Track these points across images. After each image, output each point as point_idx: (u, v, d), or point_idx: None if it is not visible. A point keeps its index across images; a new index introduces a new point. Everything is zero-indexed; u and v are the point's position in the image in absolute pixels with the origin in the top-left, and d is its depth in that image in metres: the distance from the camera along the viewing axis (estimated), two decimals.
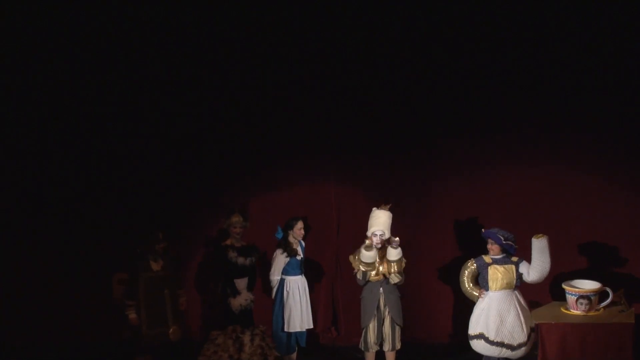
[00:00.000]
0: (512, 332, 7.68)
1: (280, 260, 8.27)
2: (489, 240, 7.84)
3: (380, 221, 7.86)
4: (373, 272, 7.83)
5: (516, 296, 7.87)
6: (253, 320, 8.23)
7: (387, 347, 8.03)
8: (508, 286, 7.82)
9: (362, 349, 8.10)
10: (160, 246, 8.05)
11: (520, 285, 7.87)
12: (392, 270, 7.86)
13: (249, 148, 8.83)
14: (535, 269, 7.70)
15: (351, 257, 8.02)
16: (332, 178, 8.89)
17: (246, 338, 7.99)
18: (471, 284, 7.94)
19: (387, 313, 7.93)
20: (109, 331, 8.60)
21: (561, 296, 7.98)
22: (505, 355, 7.75)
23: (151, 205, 8.84)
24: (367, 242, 7.74)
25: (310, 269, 8.65)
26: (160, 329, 7.98)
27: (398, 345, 8.08)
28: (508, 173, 8.70)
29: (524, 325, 7.74)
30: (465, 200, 8.76)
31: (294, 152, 8.86)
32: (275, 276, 8.30)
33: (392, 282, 7.89)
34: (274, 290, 8.34)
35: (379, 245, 7.84)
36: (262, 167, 8.87)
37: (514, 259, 7.86)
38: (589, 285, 7.96)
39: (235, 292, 8.10)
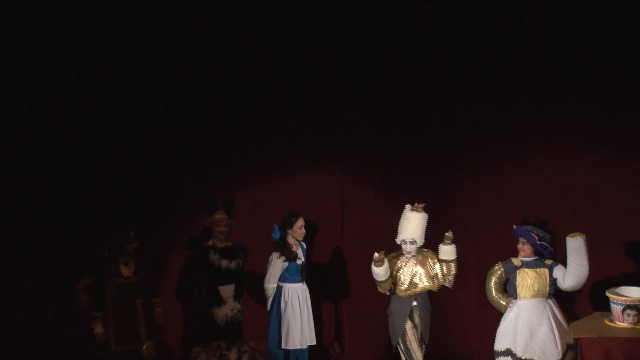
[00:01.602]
0: (544, 348, 7.22)
1: (277, 265, 7.70)
2: (520, 240, 7.39)
3: (411, 226, 7.31)
4: (403, 287, 7.36)
5: (550, 306, 7.40)
6: (241, 335, 7.81)
7: None
8: (540, 294, 7.36)
9: None
10: (132, 247, 7.63)
11: (554, 294, 7.42)
12: (444, 272, 7.37)
13: (237, 131, 8.43)
14: (571, 273, 7.23)
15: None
16: (336, 167, 8.44)
17: (232, 356, 7.62)
18: (499, 292, 7.51)
19: (418, 330, 7.47)
20: (72, 348, 8.33)
21: (605, 306, 7.56)
22: None
23: (121, 198, 8.41)
24: (377, 255, 7.18)
25: (310, 274, 8.12)
26: (131, 345, 7.61)
27: None
28: (538, 162, 8.25)
29: (557, 340, 7.25)
30: (488, 195, 8.32)
31: (290, 135, 8.44)
32: (271, 284, 7.72)
33: (449, 285, 7.45)
34: (269, 300, 7.78)
35: (411, 254, 7.34)
36: (252, 154, 8.45)
37: (548, 262, 7.40)
38: (637, 292, 7.50)
39: (220, 301, 7.68)
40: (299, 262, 7.82)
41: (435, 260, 7.42)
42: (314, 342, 7.86)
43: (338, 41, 8.26)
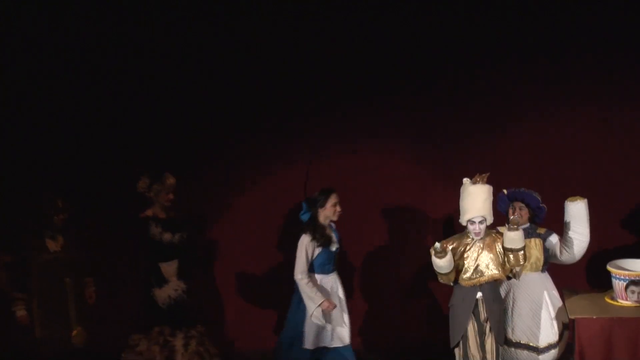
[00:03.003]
0: (539, 329, 7.06)
1: (308, 250, 7.03)
2: (516, 205, 7.14)
3: (477, 202, 6.74)
4: (466, 275, 6.76)
5: (544, 281, 7.18)
6: (189, 318, 7.49)
7: None
8: (534, 267, 7.13)
9: None
10: (60, 218, 7.29)
11: (548, 267, 7.24)
12: (511, 262, 6.76)
13: (201, 118, 8.19)
14: (570, 243, 7.05)
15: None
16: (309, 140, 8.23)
17: (178, 342, 7.31)
18: None
19: (488, 329, 6.79)
20: None
21: (605, 282, 7.28)
22: None
23: (47, 161, 8.12)
24: (437, 245, 6.60)
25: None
26: (59, 331, 7.31)
27: None
28: (530, 119, 8.09)
29: (554, 321, 7.07)
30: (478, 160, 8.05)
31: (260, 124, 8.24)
32: (302, 274, 7.01)
33: (517, 279, 6.92)
34: (309, 294, 7.02)
35: (480, 236, 6.74)
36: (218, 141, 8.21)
37: (541, 230, 7.17)
38: None
39: (161, 281, 7.37)
40: (332, 248, 7.17)
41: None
42: (347, 342, 7.22)
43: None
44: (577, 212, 7.00)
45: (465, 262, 6.75)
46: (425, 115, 8.19)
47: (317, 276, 7.10)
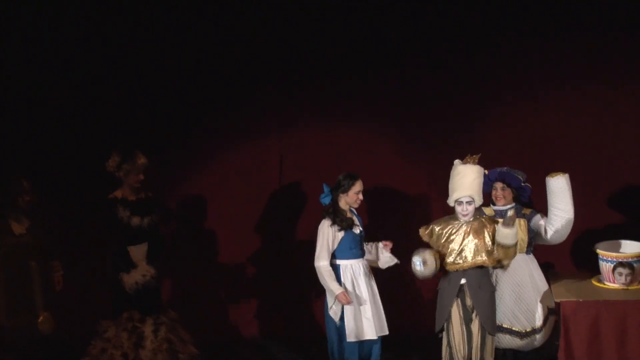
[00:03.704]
0: (524, 313, 7.05)
1: (329, 236, 6.80)
2: (498, 185, 7.12)
3: (465, 182, 6.67)
4: (449, 259, 6.65)
5: (529, 263, 7.16)
6: (159, 304, 7.39)
7: None
8: (518, 249, 6.98)
9: None
10: (26, 200, 7.21)
11: (534, 250, 7.24)
12: (500, 255, 6.68)
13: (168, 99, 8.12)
14: (554, 220, 7.01)
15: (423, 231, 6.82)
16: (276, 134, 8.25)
17: (147, 329, 7.18)
18: None
19: (474, 316, 6.67)
20: None
21: (592, 264, 7.26)
22: (513, 346, 7.06)
23: (12, 142, 8.02)
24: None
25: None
26: (25, 318, 7.21)
27: None
28: (515, 102, 8.06)
29: (539, 305, 7.05)
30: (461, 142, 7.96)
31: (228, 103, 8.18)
32: (323, 261, 6.77)
33: (503, 270, 6.94)
34: (329, 282, 6.77)
35: (468, 218, 6.65)
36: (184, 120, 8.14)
37: (526, 210, 7.15)
38: (631, 247, 7.22)
39: (129, 265, 7.25)
40: (356, 230, 6.97)
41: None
42: (386, 332, 7.01)
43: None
44: (557, 187, 6.94)
45: (450, 245, 6.68)
46: (409, 98, 8.13)
47: (346, 262, 6.91)
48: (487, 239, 6.59)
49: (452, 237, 6.66)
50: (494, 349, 6.80)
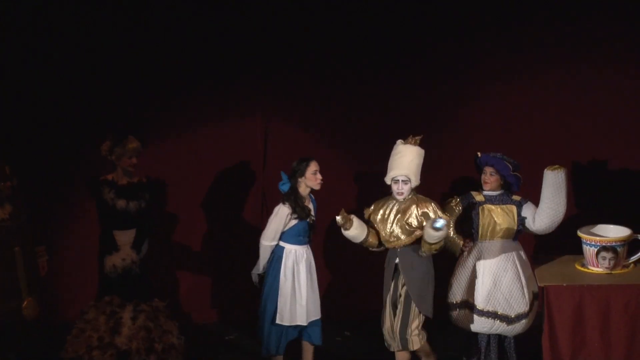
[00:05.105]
0: (509, 298, 7.00)
1: (282, 220, 6.88)
2: (487, 170, 7.07)
3: (404, 161, 6.74)
4: (383, 236, 6.84)
5: (515, 249, 7.16)
6: (142, 292, 7.30)
7: (394, 344, 6.86)
8: (506, 234, 7.09)
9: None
10: (7, 185, 7.00)
11: (521, 235, 7.23)
12: (424, 246, 6.80)
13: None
14: (545, 212, 6.98)
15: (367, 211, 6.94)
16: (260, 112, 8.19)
17: (126, 315, 7.10)
18: (454, 231, 7.20)
19: (403, 295, 6.84)
20: None
21: (576, 248, 7.23)
22: (499, 331, 7.03)
23: None
24: (339, 218, 6.62)
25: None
26: (8, 303, 7.00)
27: (415, 344, 6.83)
28: (500, 84, 8.07)
29: (525, 289, 7.02)
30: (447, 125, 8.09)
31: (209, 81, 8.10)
32: (269, 241, 6.92)
33: (421, 254, 6.90)
34: (264, 262, 6.97)
35: (403, 197, 6.74)
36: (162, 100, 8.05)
37: (516, 197, 7.14)
38: (614, 231, 7.19)
39: (112, 248, 7.21)
40: (310, 220, 7.07)
41: (426, 210, 6.82)
42: (318, 316, 7.10)
43: None
44: (557, 181, 6.93)
45: (385, 224, 6.82)
46: (391, 83, 8.12)
47: (291, 247, 6.97)
48: (411, 219, 6.70)
49: (386, 216, 6.76)
50: (421, 323, 6.86)
